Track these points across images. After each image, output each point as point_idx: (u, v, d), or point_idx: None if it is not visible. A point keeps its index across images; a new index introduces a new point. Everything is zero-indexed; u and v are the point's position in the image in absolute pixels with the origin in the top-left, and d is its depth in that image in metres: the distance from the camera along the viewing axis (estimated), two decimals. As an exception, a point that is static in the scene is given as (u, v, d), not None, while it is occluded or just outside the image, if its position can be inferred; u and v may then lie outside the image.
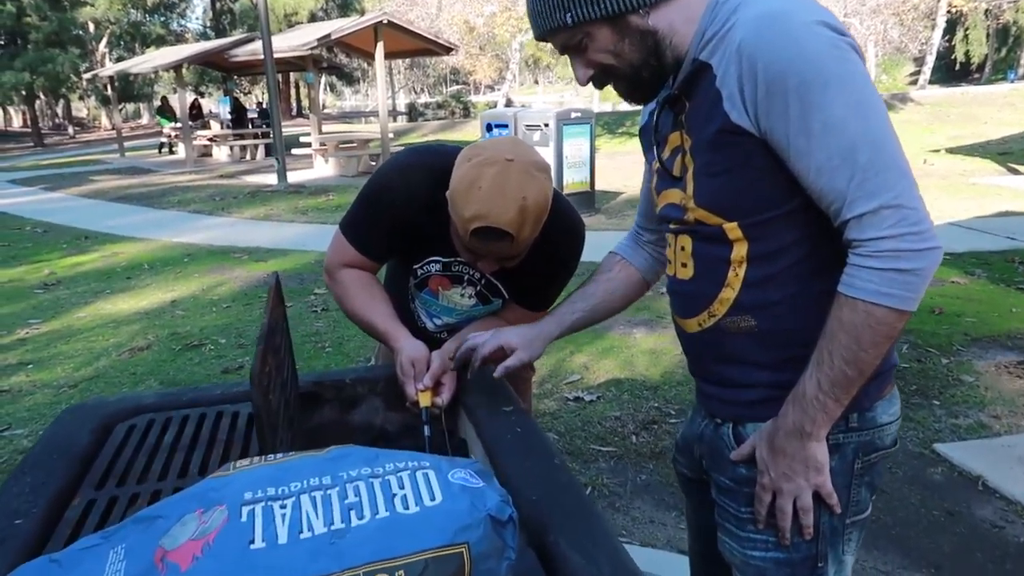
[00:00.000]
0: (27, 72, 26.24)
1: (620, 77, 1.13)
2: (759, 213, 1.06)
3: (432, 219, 1.50)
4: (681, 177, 1.14)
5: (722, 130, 1.03)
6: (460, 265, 1.59)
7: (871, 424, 1.13)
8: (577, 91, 45.49)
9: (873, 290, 0.96)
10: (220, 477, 0.76)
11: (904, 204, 0.94)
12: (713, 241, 1.12)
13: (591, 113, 9.01)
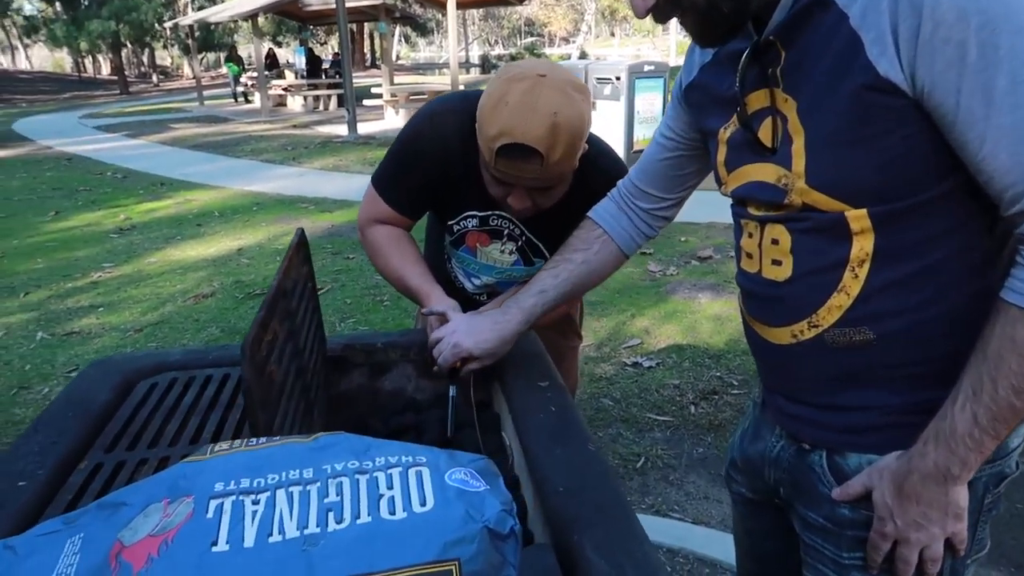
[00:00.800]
0: (113, 20, 26.96)
1: (690, 9, 0.85)
2: (900, 199, 0.82)
3: (465, 168, 1.41)
4: (778, 149, 0.90)
5: (864, 87, 0.78)
6: (498, 219, 1.49)
7: (1004, 451, 0.92)
8: (654, 44, 44.16)
9: None
10: (194, 462, 0.68)
11: None
12: (826, 233, 0.88)
13: (666, 66, 8.65)
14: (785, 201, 0.91)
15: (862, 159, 0.82)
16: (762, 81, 0.91)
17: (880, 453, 0.93)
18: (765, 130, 0.92)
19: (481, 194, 1.42)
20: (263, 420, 0.78)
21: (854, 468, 0.95)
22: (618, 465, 2.69)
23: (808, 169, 0.86)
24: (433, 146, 1.42)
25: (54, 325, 4.29)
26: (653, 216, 1.28)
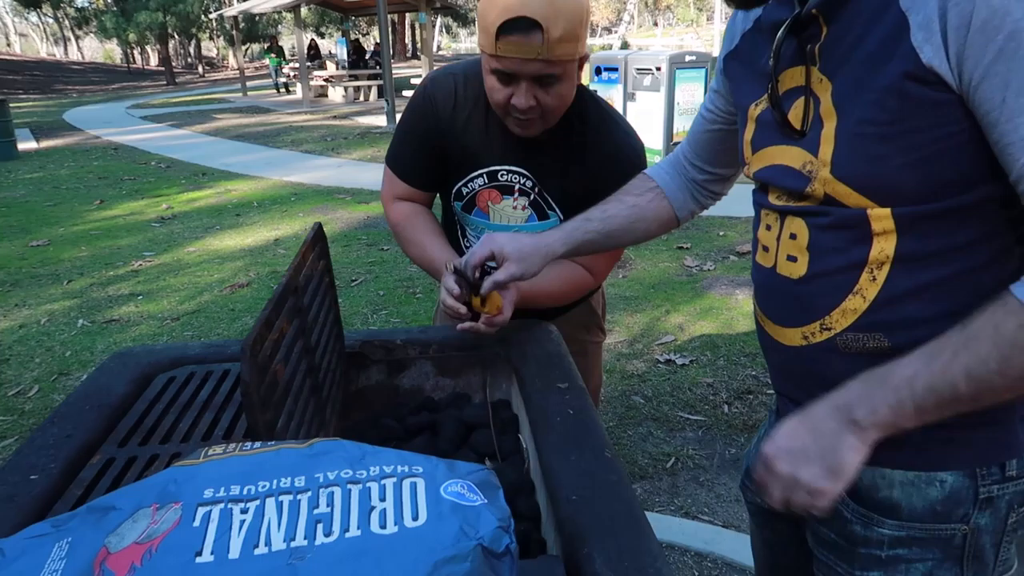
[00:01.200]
0: (160, 12, 27.47)
1: None
2: (928, 201, 0.77)
3: (465, 123, 1.45)
4: (807, 132, 0.85)
5: (906, 75, 0.73)
6: (507, 174, 1.48)
7: None
8: (698, 34, 43.54)
9: None
10: (185, 466, 0.66)
11: None
12: (846, 231, 0.83)
13: (708, 56, 8.49)
14: (807, 190, 0.85)
15: (893, 154, 0.76)
16: (799, 58, 0.85)
17: (893, 467, 0.89)
18: (796, 111, 0.86)
19: (486, 149, 1.45)
20: (263, 422, 0.75)
21: (867, 482, 0.91)
22: (647, 465, 2.65)
23: (835, 158, 0.81)
24: (430, 106, 1.46)
25: (95, 312, 4.38)
26: (702, 188, 1.23)
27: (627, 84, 8.34)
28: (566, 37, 1.24)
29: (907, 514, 0.89)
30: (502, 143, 1.46)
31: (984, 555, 0.89)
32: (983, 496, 0.86)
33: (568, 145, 1.45)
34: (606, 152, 1.43)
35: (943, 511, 0.88)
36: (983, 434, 0.86)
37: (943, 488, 0.87)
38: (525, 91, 1.29)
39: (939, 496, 0.87)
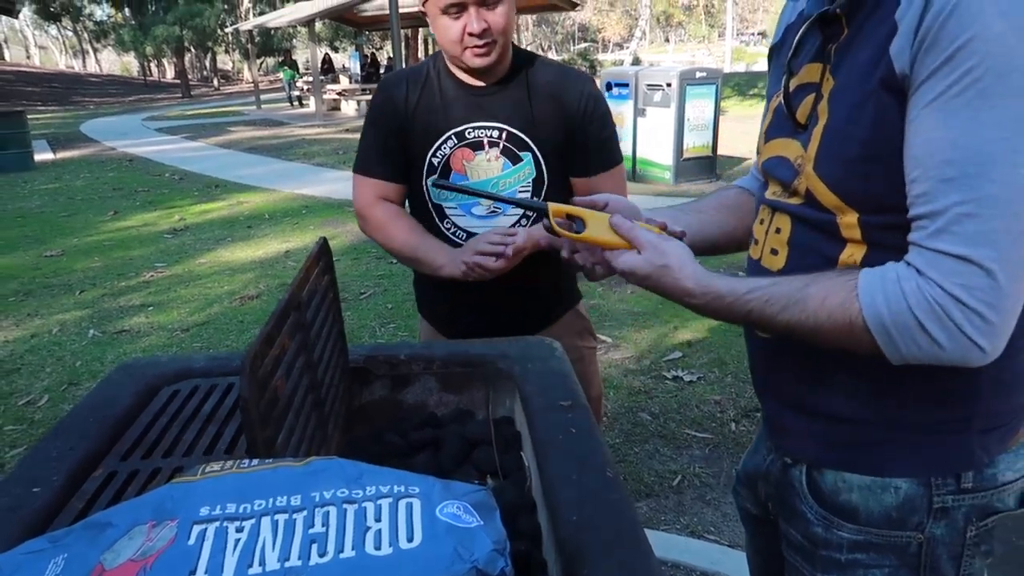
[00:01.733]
0: (177, 26, 27.81)
1: None
2: (892, 212, 0.79)
3: (421, 97, 1.60)
4: (807, 127, 0.88)
5: (882, 82, 0.76)
6: (473, 130, 1.59)
7: (990, 484, 0.88)
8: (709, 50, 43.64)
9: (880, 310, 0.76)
10: (182, 483, 0.66)
11: (998, 276, 0.70)
12: (820, 232, 0.87)
13: (718, 73, 8.51)
14: (794, 183, 0.90)
15: (866, 159, 0.80)
16: (820, 55, 0.88)
17: (852, 471, 0.92)
18: (804, 107, 0.90)
19: (447, 115, 1.59)
20: (262, 439, 0.75)
21: (830, 485, 0.94)
22: (654, 483, 2.63)
23: (818, 154, 0.85)
24: (385, 99, 1.62)
25: (106, 323, 4.40)
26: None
27: (637, 100, 8.36)
28: None
29: (865, 519, 0.92)
30: (462, 105, 1.59)
31: (941, 567, 0.91)
32: (937, 506, 0.88)
33: (518, 83, 1.60)
34: (553, 75, 1.61)
35: (898, 518, 0.90)
36: (938, 443, 0.88)
37: (897, 495, 0.90)
38: (475, 15, 1.44)
39: (894, 502, 0.90)
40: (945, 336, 0.73)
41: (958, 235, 0.71)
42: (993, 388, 0.86)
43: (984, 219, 0.70)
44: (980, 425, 0.87)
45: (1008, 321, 0.73)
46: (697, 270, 0.90)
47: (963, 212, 0.70)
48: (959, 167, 0.70)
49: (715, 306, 0.88)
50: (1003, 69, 0.67)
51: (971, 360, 0.74)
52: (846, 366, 0.89)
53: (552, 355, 1.37)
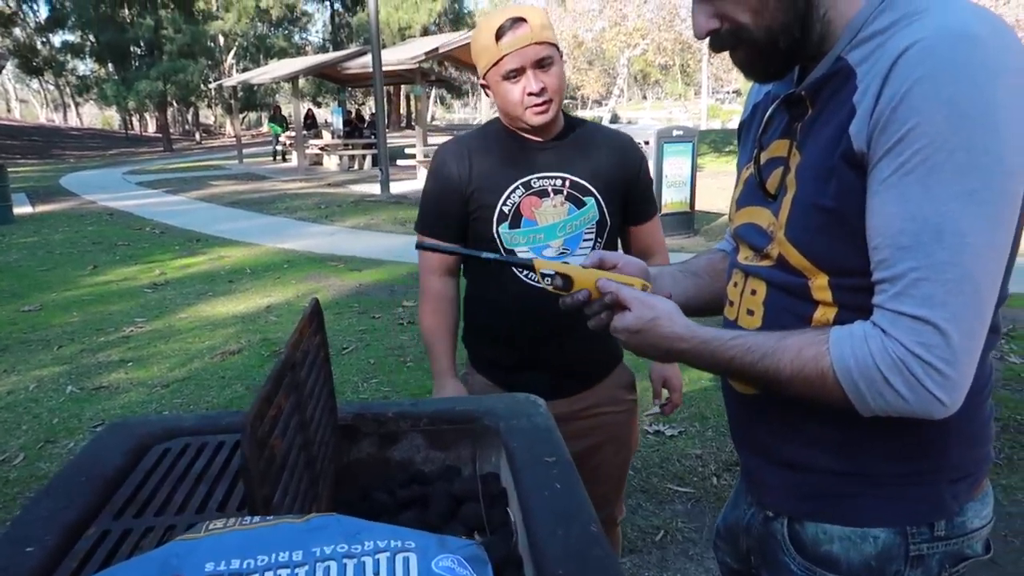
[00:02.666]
0: (160, 81, 28.09)
1: (749, 41, 0.89)
2: (859, 275, 0.85)
3: (483, 159, 1.74)
4: (776, 197, 0.95)
5: (843, 158, 0.83)
6: (538, 180, 1.72)
7: (960, 531, 0.94)
8: (686, 108, 44.71)
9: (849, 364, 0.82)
10: (187, 541, 0.69)
11: (952, 335, 0.76)
12: (794, 294, 0.93)
13: (694, 131, 8.76)
14: (767, 248, 0.95)
15: (831, 226, 0.86)
16: (787, 132, 0.95)
17: (832, 522, 0.96)
18: (774, 178, 0.96)
19: (510, 169, 1.72)
20: (261, 497, 0.78)
21: (811, 536, 0.98)
22: (637, 538, 2.64)
23: (789, 222, 0.91)
24: (444, 165, 1.76)
25: (84, 379, 4.37)
26: None
27: (616, 157, 8.52)
28: (545, 24, 1.62)
29: (846, 568, 0.96)
30: (525, 159, 1.73)
31: None
32: (913, 554, 0.92)
33: (573, 139, 1.76)
34: (603, 132, 1.82)
35: (877, 566, 0.94)
36: (913, 495, 0.92)
37: (876, 544, 0.94)
38: (532, 76, 1.61)
39: (873, 552, 0.94)
40: (908, 390, 0.78)
41: (915, 297, 0.77)
42: (959, 440, 0.92)
43: (938, 283, 0.76)
44: (949, 475, 0.92)
45: (965, 376, 0.78)
46: (684, 320, 0.96)
47: (918, 277, 0.76)
48: (913, 236, 0.76)
49: (700, 351, 0.93)
50: (948, 150, 0.74)
51: (934, 413, 0.79)
52: (819, 420, 0.94)
53: (536, 412, 1.40)
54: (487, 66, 1.64)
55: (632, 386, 1.96)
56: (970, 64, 0.73)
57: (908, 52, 0.76)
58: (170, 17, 30.28)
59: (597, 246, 1.75)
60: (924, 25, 0.77)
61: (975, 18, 0.76)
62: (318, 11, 45.68)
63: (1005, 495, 2.83)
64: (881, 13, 0.83)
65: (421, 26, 35.56)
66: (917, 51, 0.75)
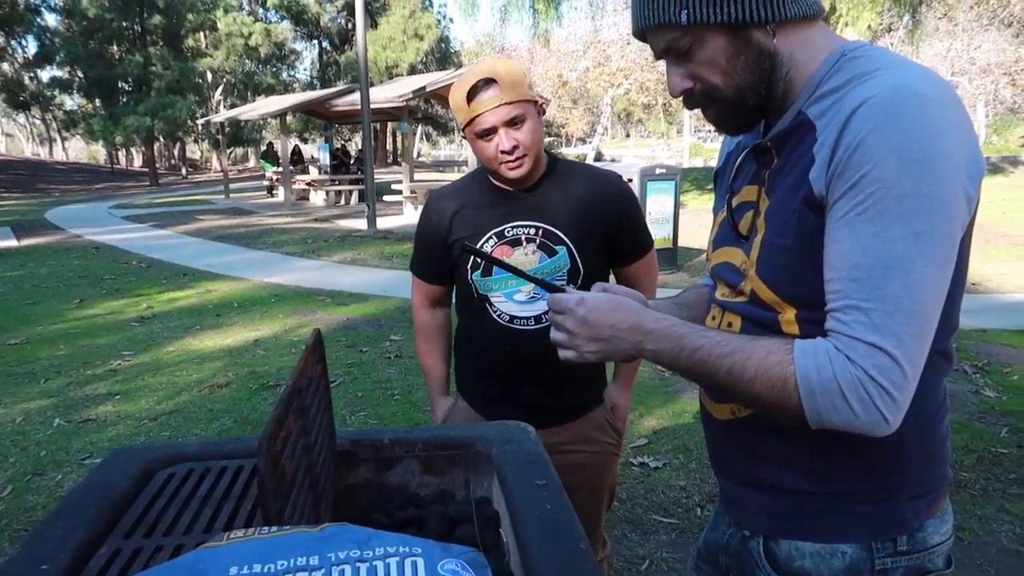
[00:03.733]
0: (148, 116, 28.21)
1: (720, 100, 0.98)
2: (823, 310, 0.92)
3: (466, 205, 1.82)
4: (748, 238, 1.04)
5: (804, 202, 0.91)
6: (512, 229, 1.78)
7: (921, 546, 1.01)
8: (668, 146, 45.36)
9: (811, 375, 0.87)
10: (211, 548, 0.75)
11: (901, 361, 0.84)
12: (764, 327, 1.01)
13: (677, 170, 8.93)
14: (740, 285, 1.04)
15: (796, 264, 0.94)
16: (756, 178, 1.05)
17: (803, 539, 1.03)
18: (745, 221, 1.05)
19: (487, 217, 1.79)
20: (274, 511, 0.84)
21: (785, 553, 1.04)
22: (622, 568, 2.68)
23: (759, 261, 0.99)
24: (433, 211, 1.86)
25: (71, 412, 4.37)
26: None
27: (601, 194, 8.68)
28: (517, 82, 1.66)
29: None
30: (502, 207, 1.79)
31: None
32: (879, 568, 0.99)
33: (553, 185, 1.80)
34: (586, 177, 1.83)
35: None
36: (875, 511, 1.00)
37: (844, 559, 1.01)
38: (504, 135, 1.66)
39: (841, 566, 1.01)
40: (861, 407, 0.85)
41: (867, 325, 0.85)
42: (917, 460, 0.99)
43: (887, 313, 0.84)
44: (909, 493, 1.00)
45: (908, 399, 0.86)
46: (651, 311, 1.03)
47: (870, 307, 0.85)
48: (866, 271, 0.85)
49: (669, 333, 0.98)
50: (897, 195, 0.83)
51: (878, 430, 0.86)
52: (788, 443, 1.01)
53: (527, 438, 1.47)
54: (463, 123, 1.71)
55: (610, 429, 1.97)
56: (916, 119, 0.83)
57: (862, 107, 0.85)
58: (159, 54, 30.55)
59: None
60: (876, 84, 0.86)
61: (921, 79, 0.86)
62: (306, 49, 46.20)
63: (981, 525, 2.90)
64: (836, 73, 0.93)
65: (408, 64, 36.05)
66: (869, 106, 0.84)
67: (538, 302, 1.81)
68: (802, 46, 0.96)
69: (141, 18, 30.66)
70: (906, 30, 16.56)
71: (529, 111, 1.69)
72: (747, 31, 0.94)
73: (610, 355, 1.03)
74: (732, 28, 0.93)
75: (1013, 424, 3.93)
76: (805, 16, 0.95)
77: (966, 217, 0.88)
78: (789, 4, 0.93)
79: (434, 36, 37.90)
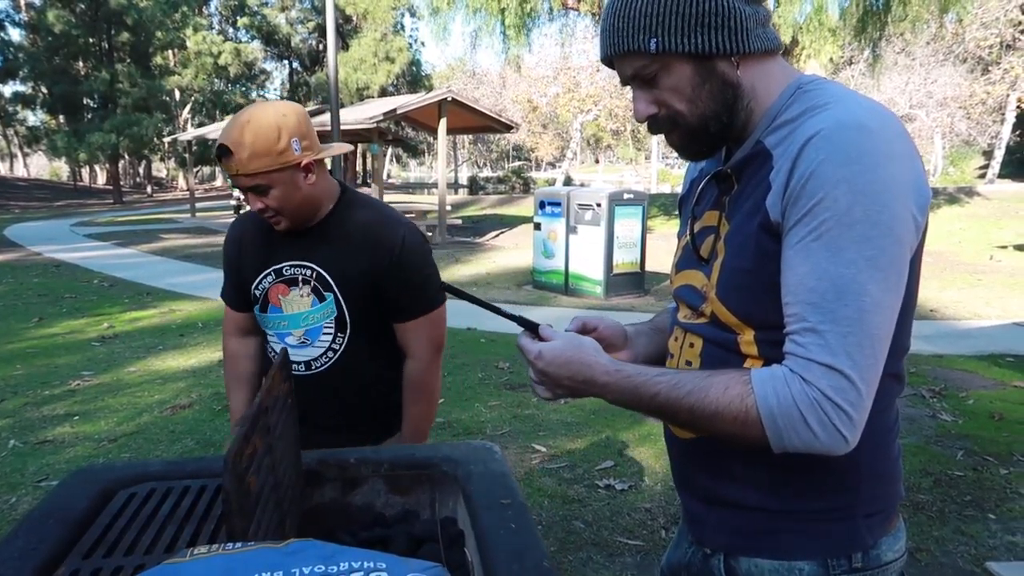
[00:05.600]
0: (114, 134, 27.85)
1: (683, 126, 1.02)
2: (780, 330, 0.95)
3: (253, 238, 1.80)
4: (709, 261, 1.07)
5: (760, 226, 0.95)
6: (291, 267, 1.75)
7: (875, 563, 1.03)
8: (636, 171, 45.93)
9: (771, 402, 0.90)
10: (174, 564, 0.75)
11: (856, 382, 0.88)
12: (724, 348, 1.04)
13: (644, 195, 9.06)
14: (701, 307, 1.07)
15: (753, 286, 0.98)
16: (716, 204, 1.09)
17: (762, 556, 1.05)
18: (707, 245, 1.09)
19: (270, 253, 1.77)
20: (239, 527, 0.85)
21: (744, 570, 1.07)
22: (587, 589, 2.68)
23: (719, 283, 1.03)
24: (229, 240, 1.87)
25: (27, 433, 4.27)
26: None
27: (569, 218, 8.78)
28: (256, 153, 1.57)
29: None
30: (286, 244, 1.75)
31: None
32: None
33: (337, 225, 1.75)
34: (370, 221, 1.74)
35: None
36: (830, 528, 1.03)
37: (802, 575, 1.03)
38: (251, 198, 1.64)
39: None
40: (820, 428, 0.88)
41: (822, 347, 0.88)
42: (870, 479, 1.03)
43: (842, 335, 0.87)
44: (863, 511, 1.03)
45: (864, 418, 0.89)
46: (608, 357, 1.05)
47: (825, 330, 0.88)
48: (820, 295, 0.88)
49: (623, 385, 1.00)
50: (847, 222, 0.87)
51: (837, 449, 0.89)
52: (747, 462, 1.04)
53: (492, 458, 1.48)
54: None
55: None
56: (862, 150, 0.87)
57: (813, 139, 0.89)
58: (126, 71, 30.24)
59: (339, 340, 1.75)
60: (826, 116, 0.91)
61: (867, 112, 0.90)
62: (276, 69, 46.11)
63: (937, 546, 2.96)
64: (792, 104, 0.98)
65: (379, 86, 36.13)
66: (820, 138, 0.89)
67: (307, 347, 1.76)
68: (762, 78, 1.01)
69: (108, 35, 30.36)
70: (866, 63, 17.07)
71: (276, 178, 1.61)
72: (712, 62, 0.98)
73: (579, 396, 1.06)
74: (698, 58, 0.97)
75: (969, 447, 4.03)
76: (767, 50, 1.00)
77: (914, 241, 0.92)
78: (753, 38, 0.98)
79: (405, 59, 38.06)
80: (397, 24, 39.01)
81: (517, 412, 4.65)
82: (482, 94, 37.39)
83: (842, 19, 13.06)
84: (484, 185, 35.14)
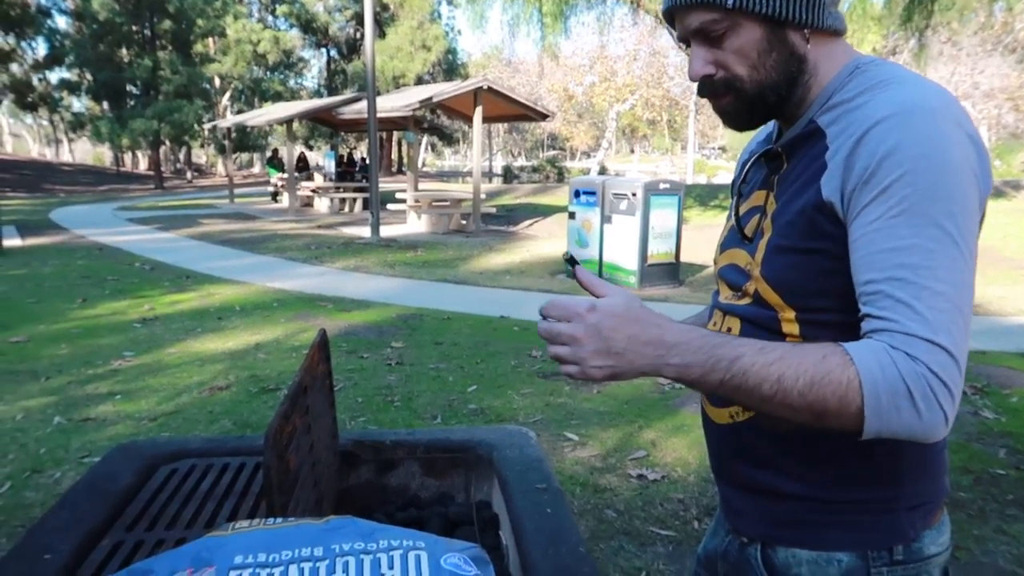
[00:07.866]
0: (155, 120, 28.33)
1: (739, 92, 0.98)
2: (825, 311, 0.94)
3: None
4: (754, 240, 1.05)
5: (813, 205, 0.93)
6: None
7: (917, 556, 1.01)
8: (672, 162, 45.48)
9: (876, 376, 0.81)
10: (217, 536, 0.76)
11: (958, 359, 0.82)
12: (765, 329, 1.02)
13: (681, 185, 8.97)
14: (745, 286, 1.04)
15: (800, 265, 0.95)
16: (765, 183, 1.07)
17: (800, 547, 1.03)
18: (752, 224, 1.07)
19: None
20: (279, 504, 0.85)
21: (782, 561, 1.05)
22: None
23: (763, 261, 1.01)
24: None
25: (71, 411, 4.38)
26: None
27: (604, 207, 8.72)
28: None
29: None
30: None
31: None
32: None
33: None
34: None
35: None
36: (871, 520, 1.00)
37: (840, 567, 1.01)
38: None
39: (838, 574, 1.01)
40: (926, 406, 0.82)
41: (921, 322, 0.83)
42: (915, 470, 1.00)
43: (940, 311, 0.83)
44: (906, 503, 1.00)
45: (960, 397, 0.86)
46: (674, 322, 0.92)
47: (921, 306, 0.83)
48: (910, 269, 0.84)
49: (698, 345, 0.87)
50: (933, 197, 0.84)
51: (936, 432, 0.83)
52: (786, 449, 1.02)
53: (528, 443, 1.48)
54: None
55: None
56: (936, 131, 0.85)
57: (886, 119, 0.87)
58: (168, 58, 30.71)
59: None
60: (892, 96, 0.89)
61: (932, 94, 0.88)
62: (314, 58, 46.40)
63: (977, 545, 2.89)
64: (848, 84, 0.96)
65: (415, 75, 36.19)
66: (893, 119, 0.86)
67: None
68: (826, 58, 0.99)
69: (151, 23, 30.82)
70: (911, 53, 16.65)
71: None
72: (785, 30, 0.95)
73: (621, 372, 0.88)
74: (773, 22, 0.94)
75: (1011, 446, 3.93)
76: (836, 31, 0.99)
77: (978, 228, 0.89)
78: (827, 15, 0.96)
79: (442, 47, 38.06)
80: (434, 12, 39.01)
81: (550, 400, 4.65)
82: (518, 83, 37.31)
83: (887, 7, 12.76)
84: (518, 174, 35.05)
